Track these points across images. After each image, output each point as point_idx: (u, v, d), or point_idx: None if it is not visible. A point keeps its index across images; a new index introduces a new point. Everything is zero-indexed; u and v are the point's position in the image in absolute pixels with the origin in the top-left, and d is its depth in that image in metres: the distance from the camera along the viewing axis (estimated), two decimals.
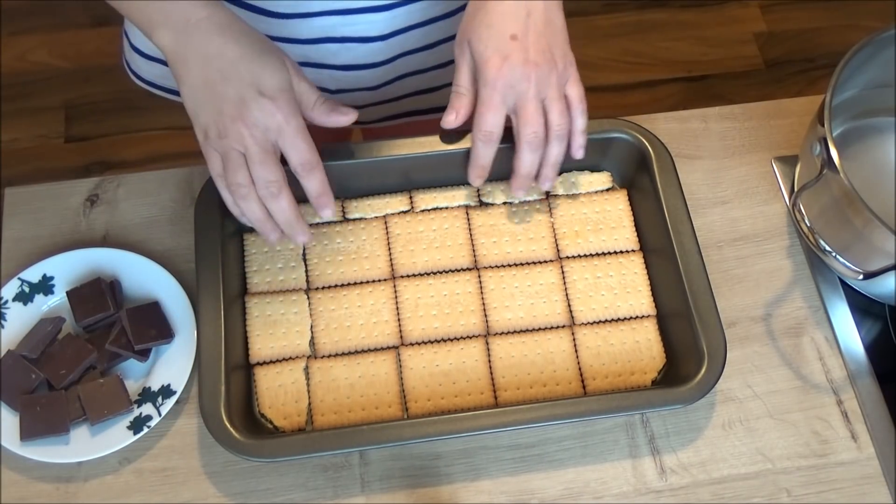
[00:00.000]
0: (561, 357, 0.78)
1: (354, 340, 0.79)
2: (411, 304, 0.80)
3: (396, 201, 0.85)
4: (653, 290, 0.81)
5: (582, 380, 0.78)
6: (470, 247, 0.83)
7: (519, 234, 0.84)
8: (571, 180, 0.86)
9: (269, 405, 0.76)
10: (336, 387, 0.77)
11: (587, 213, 0.85)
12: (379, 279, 0.81)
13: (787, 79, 1.99)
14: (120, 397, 0.75)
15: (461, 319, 0.80)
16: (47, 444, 0.74)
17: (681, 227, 0.79)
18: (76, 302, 0.79)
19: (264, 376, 0.77)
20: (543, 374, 0.78)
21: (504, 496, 0.75)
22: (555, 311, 0.80)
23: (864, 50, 0.79)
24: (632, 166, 0.84)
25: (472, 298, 0.81)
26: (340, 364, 0.78)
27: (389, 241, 0.83)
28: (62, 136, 1.87)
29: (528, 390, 0.77)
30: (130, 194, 0.88)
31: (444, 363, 0.78)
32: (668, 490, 0.76)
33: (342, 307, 0.80)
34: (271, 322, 0.79)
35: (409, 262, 0.82)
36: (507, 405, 0.75)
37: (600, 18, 2.06)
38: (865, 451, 0.78)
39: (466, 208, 0.85)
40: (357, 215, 0.84)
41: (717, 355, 0.74)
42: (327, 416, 0.76)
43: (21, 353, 0.77)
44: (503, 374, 0.78)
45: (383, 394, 0.77)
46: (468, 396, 0.77)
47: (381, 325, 0.79)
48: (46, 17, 2.00)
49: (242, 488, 0.75)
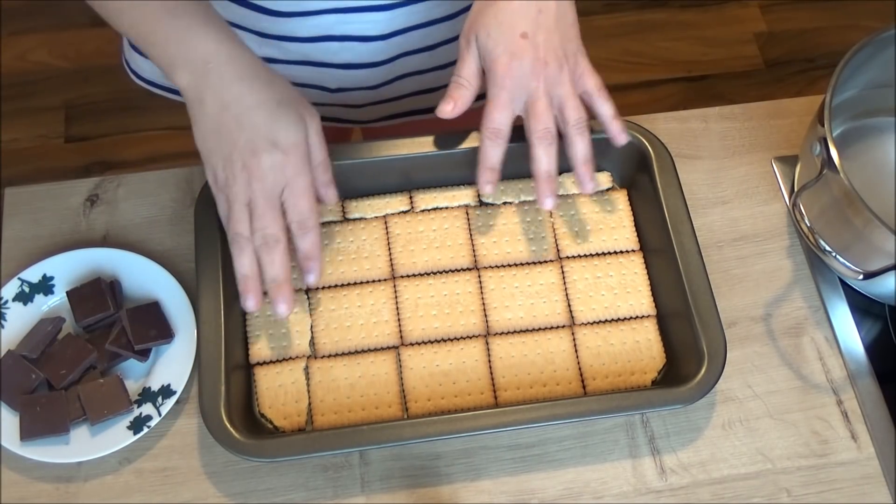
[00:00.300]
0: (561, 357, 0.78)
1: (354, 340, 0.79)
2: (411, 304, 0.80)
3: (396, 201, 0.85)
4: (653, 290, 0.81)
5: (582, 380, 0.78)
6: (470, 247, 0.83)
7: (519, 234, 0.83)
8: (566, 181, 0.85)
9: (269, 405, 0.76)
10: (336, 387, 0.77)
11: (587, 214, 0.85)
12: (379, 279, 0.81)
13: (787, 79, 1.99)
14: (120, 397, 0.75)
15: (461, 319, 0.80)
16: (47, 444, 0.74)
17: (681, 227, 0.79)
18: (76, 302, 0.79)
19: (264, 376, 0.77)
20: (543, 374, 0.78)
21: (504, 496, 0.75)
22: (555, 311, 0.80)
23: (864, 50, 0.79)
24: (632, 166, 0.84)
25: (472, 298, 0.81)
26: (340, 364, 0.78)
27: (389, 241, 0.83)
28: (62, 136, 1.87)
29: (528, 390, 0.77)
30: (130, 194, 0.88)
31: (444, 363, 0.78)
32: (668, 490, 0.76)
33: (342, 307, 0.80)
34: (271, 322, 0.79)
35: (409, 262, 0.82)
36: (507, 405, 0.75)
37: (600, 18, 2.06)
38: (865, 451, 0.78)
39: (466, 208, 0.85)
40: (357, 215, 0.84)
41: (718, 355, 0.74)
42: (327, 416, 0.76)
43: (21, 353, 0.77)
44: (503, 374, 0.77)
45: (383, 394, 0.77)
46: (468, 396, 0.77)
47: (381, 325, 0.79)
48: (46, 17, 2.00)
49: (242, 488, 0.75)
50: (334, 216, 0.84)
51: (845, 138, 0.88)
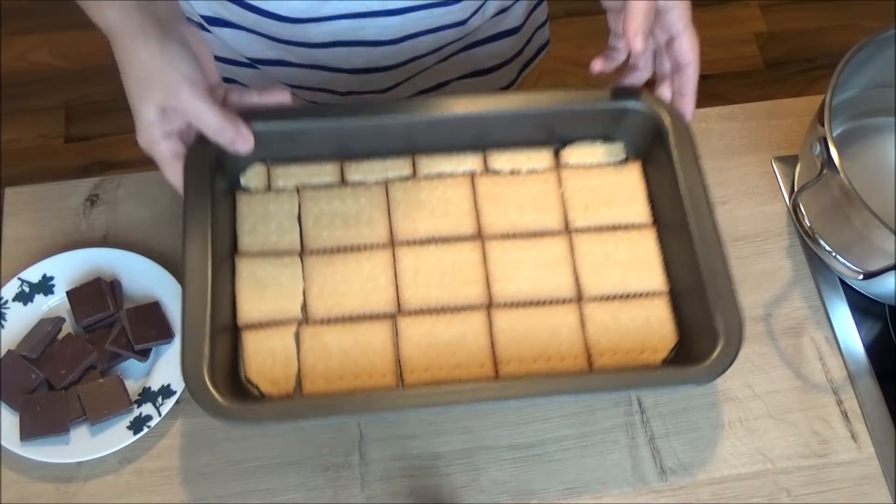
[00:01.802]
0: (567, 332, 0.74)
1: (349, 307, 0.75)
2: (411, 272, 0.76)
3: (398, 165, 0.80)
4: (666, 266, 0.78)
5: (589, 356, 0.74)
6: (474, 215, 0.79)
7: (526, 203, 0.79)
8: (577, 150, 0.82)
9: (256, 370, 0.72)
10: (328, 354, 0.73)
11: (599, 185, 0.80)
12: (378, 244, 0.77)
13: (787, 79, 1.99)
14: (120, 397, 0.75)
15: (463, 289, 0.76)
16: (47, 444, 0.74)
17: (697, 201, 0.74)
18: (76, 302, 0.79)
19: (252, 340, 0.73)
20: (548, 348, 0.74)
21: (504, 496, 0.75)
22: (562, 285, 0.76)
23: (864, 50, 0.79)
24: (646, 138, 0.80)
25: (475, 268, 0.77)
26: (333, 331, 0.74)
27: (390, 207, 0.79)
28: (62, 136, 1.87)
29: (532, 364, 0.73)
30: (130, 194, 0.88)
31: (444, 334, 0.74)
32: (668, 490, 0.76)
33: (338, 272, 0.76)
34: (262, 284, 0.75)
35: (409, 229, 0.78)
36: (508, 379, 0.72)
37: (601, 19, 2.04)
38: (865, 451, 0.78)
39: (472, 175, 0.80)
40: (357, 178, 0.80)
41: (734, 334, 0.70)
42: (317, 384, 0.72)
43: (21, 353, 0.77)
44: (505, 347, 0.74)
45: (378, 363, 0.73)
46: (467, 369, 0.73)
47: (378, 291, 0.75)
48: (46, 17, 2.00)
49: (242, 488, 0.75)
50: (332, 177, 0.80)
51: (845, 138, 0.88)
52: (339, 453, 0.76)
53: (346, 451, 0.77)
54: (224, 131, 0.71)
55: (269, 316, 0.75)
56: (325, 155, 0.80)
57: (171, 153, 0.71)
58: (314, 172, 0.80)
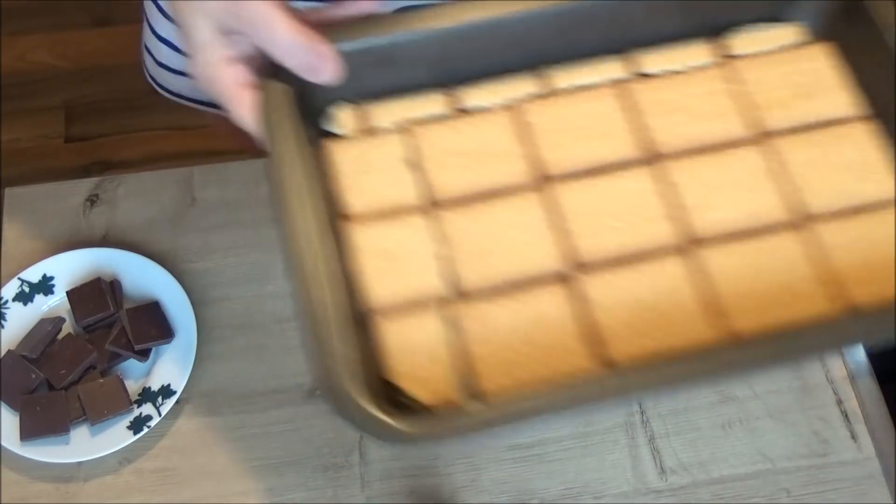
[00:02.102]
0: (795, 265, 0.56)
1: (504, 270, 0.57)
2: (575, 215, 0.58)
3: (523, 83, 0.63)
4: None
5: (836, 289, 0.56)
6: (637, 133, 0.61)
7: (698, 109, 0.62)
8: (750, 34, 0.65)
9: (402, 370, 0.53)
10: (499, 338, 0.54)
11: (788, 75, 0.63)
12: (522, 184, 0.59)
13: None
14: (120, 397, 0.75)
15: (646, 228, 0.58)
16: (47, 444, 0.74)
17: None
18: (76, 302, 0.79)
19: (392, 330, 0.55)
20: (778, 290, 0.56)
21: (504, 496, 0.75)
22: (773, 204, 0.59)
23: None
24: (832, 13, 0.64)
25: (656, 199, 0.59)
26: (496, 306, 0.55)
27: (527, 135, 0.61)
28: (62, 136, 1.87)
29: (768, 313, 0.55)
30: (130, 194, 0.88)
31: (637, 289, 0.56)
32: (668, 490, 0.76)
33: (478, 226, 0.58)
34: (389, 254, 0.57)
35: (559, 159, 0.60)
36: (748, 336, 0.54)
37: None
38: (865, 451, 0.78)
39: (618, 83, 0.63)
40: (475, 103, 0.62)
41: None
42: (497, 380, 0.53)
43: (21, 353, 0.77)
44: (725, 294, 0.55)
45: (559, 338, 0.54)
46: (681, 331, 0.54)
47: (537, 245, 0.57)
48: (46, 17, 2.00)
49: (242, 488, 0.75)
50: (443, 108, 0.62)
51: None
52: (339, 453, 0.77)
53: (346, 451, 0.77)
54: (304, 52, 0.54)
55: (408, 297, 0.56)
56: (426, 83, 0.63)
57: (235, 80, 0.55)
58: (418, 105, 0.63)
